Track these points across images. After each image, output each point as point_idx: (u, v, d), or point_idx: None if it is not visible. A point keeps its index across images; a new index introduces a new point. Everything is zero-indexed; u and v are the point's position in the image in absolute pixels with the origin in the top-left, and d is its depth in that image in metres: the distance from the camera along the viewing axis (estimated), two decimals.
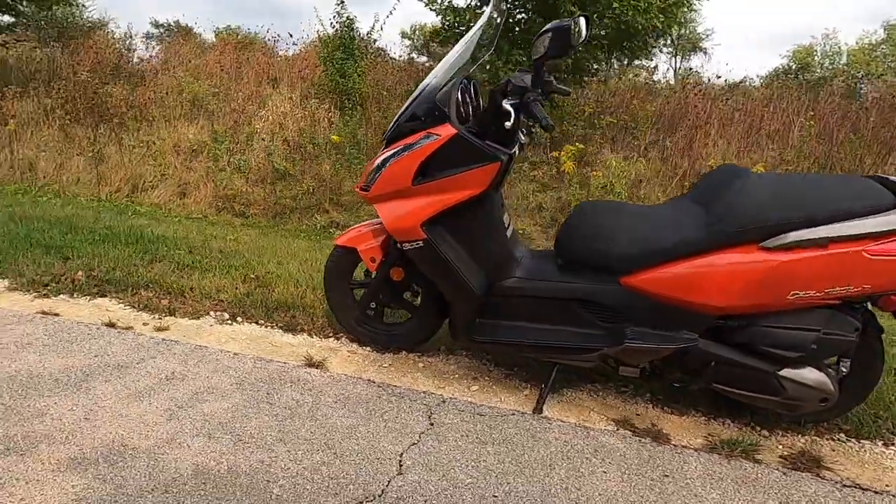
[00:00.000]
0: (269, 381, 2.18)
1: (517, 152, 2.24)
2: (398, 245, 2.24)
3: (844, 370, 2.07)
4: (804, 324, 1.97)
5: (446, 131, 2.08)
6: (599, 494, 1.69)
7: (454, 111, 2.09)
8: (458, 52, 2.24)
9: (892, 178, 2.01)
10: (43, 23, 9.71)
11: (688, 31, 22.54)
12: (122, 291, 2.92)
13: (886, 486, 1.88)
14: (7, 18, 7.95)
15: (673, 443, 2.04)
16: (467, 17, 6.83)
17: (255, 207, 5.67)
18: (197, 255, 3.61)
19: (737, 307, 1.98)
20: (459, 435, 1.93)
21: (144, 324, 2.62)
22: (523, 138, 2.33)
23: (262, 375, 2.22)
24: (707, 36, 25.71)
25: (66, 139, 6.72)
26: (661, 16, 6.64)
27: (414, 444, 1.86)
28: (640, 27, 6.56)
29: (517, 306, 2.26)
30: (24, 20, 9.36)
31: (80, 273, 3.06)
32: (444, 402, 2.16)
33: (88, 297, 2.86)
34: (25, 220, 4.04)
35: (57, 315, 2.62)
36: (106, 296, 2.89)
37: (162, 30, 18.98)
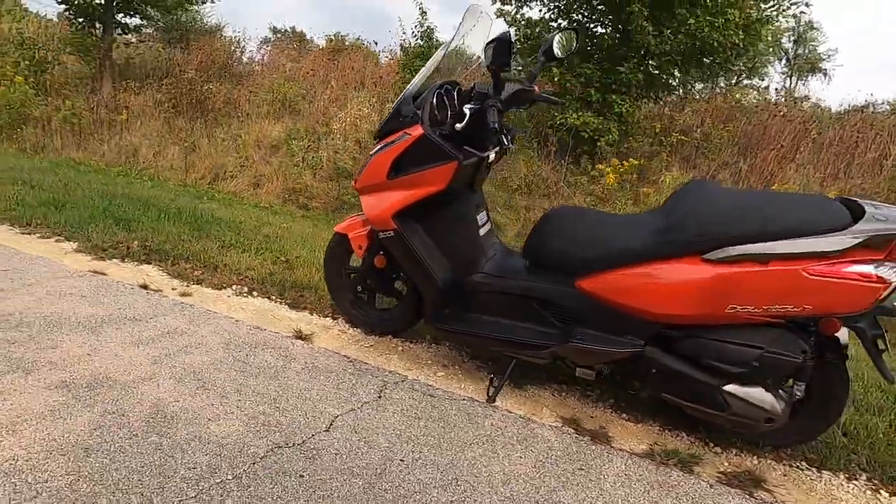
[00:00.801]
0: (254, 345, 2.46)
1: (491, 157, 2.38)
2: (377, 234, 2.45)
3: (798, 394, 2.04)
4: (748, 340, 1.97)
5: (416, 131, 2.26)
6: (503, 474, 1.80)
7: (427, 113, 2.27)
8: (436, 59, 2.42)
9: (858, 199, 1.97)
10: (168, 26, 10.89)
11: (807, 51, 21.13)
12: (165, 261, 3.34)
13: None
14: (137, 20, 9.00)
15: (613, 445, 2.10)
16: (538, 30, 6.94)
17: (317, 201, 6.10)
18: (243, 237, 4.00)
19: (677, 316, 2.02)
20: (399, 409, 2.11)
21: (173, 289, 3.00)
22: (507, 143, 2.48)
23: (251, 340, 2.51)
24: (829, 57, 23.96)
25: (168, 130, 7.52)
26: (740, 33, 6.42)
27: (353, 409, 2.06)
28: (716, 44, 6.39)
29: (482, 301, 2.40)
30: (153, 23, 10.57)
31: (135, 242, 3.53)
32: (403, 381, 2.34)
33: (136, 263, 3.30)
34: (112, 196, 4.64)
35: (104, 274, 3.06)
36: (151, 263, 3.33)
37: (279, 35, 20.48)
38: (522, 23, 6.89)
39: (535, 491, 1.74)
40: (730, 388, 2.01)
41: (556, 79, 7.02)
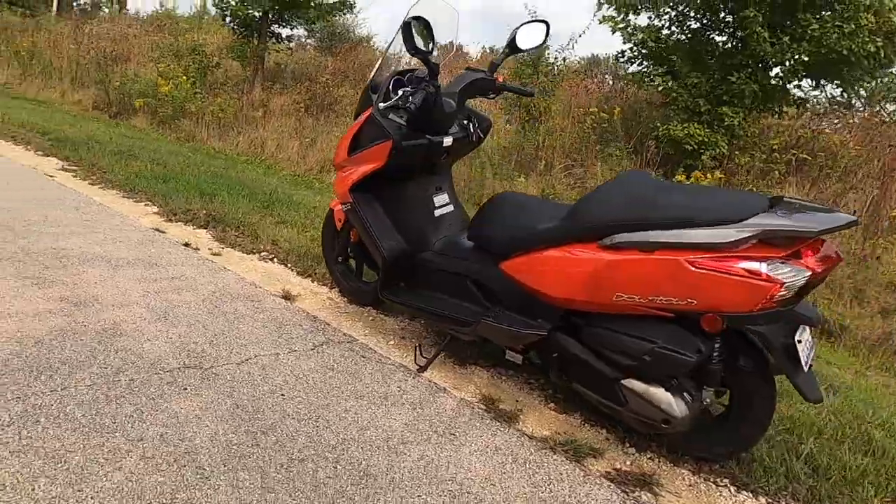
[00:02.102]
0: (237, 296, 2.82)
1: (446, 142, 2.49)
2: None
3: (708, 400, 1.93)
4: (642, 333, 1.91)
5: (368, 112, 2.47)
6: (367, 423, 1.94)
7: (380, 97, 2.45)
8: (388, 48, 2.61)
9: (794, 198, 1.84)
10: (321, 35, 12.13)
11: None
12: (217, 226, 3.88)
13: None
14: (287, 31, 10.20)
15: (513, 425, 2.12)
16: (650, 36, 6.73)
17: None
18: (301, 217, 4.46)
19: (572, 301, 2.01)
20: (321, 361, 2.32)
21: (209, 248, 3.49)
22: (470, 132, 2.59)
23: (239, 292, 2.88)
24: None
25: (296, 127, 8.42)
26: (877, 40, 5.72)
27: (277, 354, 2.31)
28: (846, 52, 5.74)
29: (428, 277, 2.53)
30: (311, 33, 11.86)
31: (203, 211, 4.12)
32: (348, 342, 2.55)
33: (194, 227, 3.87)
34: (215, 176, 5.39)
35: (163, 232, 3.65)
36: (206, 228, 3.88)
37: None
38: (629, 31, 6.72)
39: (384, 441, 1.86)
40: (628, 382, 1.95)
41: (660, 88, 6.76)
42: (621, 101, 7.56)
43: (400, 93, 2.36)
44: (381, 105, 2.36)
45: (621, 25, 6.67)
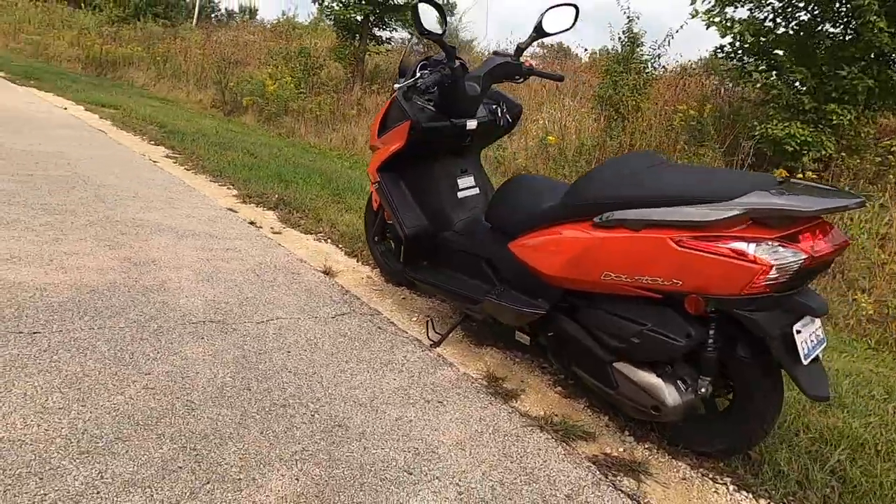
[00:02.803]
0: (280, 268, 3.05)
1: (471, 125, 2.55)
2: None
3: (703, 390, 1.86)
4: (633, 315, 1.88)
5: (393, 95, 2.58)
6: (358, 383, 2.05)
7: (408, 78, 2.56)
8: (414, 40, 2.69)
9: (802, 181, 1.74)
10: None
11: None
12: (284, 209, 4.17)
13: None
14: (387, 33, 10.65)
15: (510, 402, 2.15)
16: (748, 29, 6.35)
17: None
18: (363, 203, 4.68)
19: (564, 279, 2.00)
20: (337, 327, 2.47)
21: (270, 227, 3.78)
22: (496, 116, 2.65)
23: (283, 265, 3.10)
24: None
25: None
26: None
27: (297, 318, 2.49)
28: None
29: (448, 256, 2.61)
30: (410, 34, 12.26)
31: (276, 195, 4.45)
32: (370, 314, 2.69)
33: (264, 208, 4.20)
34: (299, 166, 5.78)
35: (235, 212, 4.00)
36: (274, 210, 4.19)
37: (545, 49, 21.50)
38: (726, 24, 6.37)
39: (369, 400, 1.96)
40: (620, 365, 1.93)
41: (758, 85, 6.35)
42: (715, 100, 7.17)
43: (418, 75, 2.46)
44: (396, 86, 2.47)
45: (716, 19, 6.34)
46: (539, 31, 2.59)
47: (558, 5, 2.56)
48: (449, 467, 1.68)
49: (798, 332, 1.68)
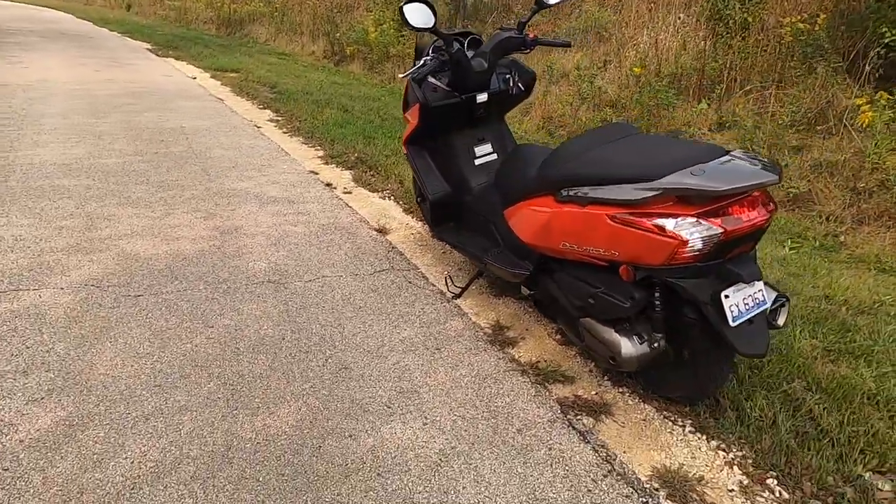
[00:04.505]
0: (340, 228, 3.59)
1: (481, 98, 2.83)
2: None
3: (657, 344, 2.12)
4: (590, 279, 2.17)
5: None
6: (373, 334, 2.55)
7: (424, 58, 2.87)
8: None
9: (743, 154, 1.91)
10: None
11: None
12: (359, 167, 4.72)
13: (626, 452, 2.05)
14: None
15: (505, 349, 2.54)
16: None
17: (563, 129, 6.68)
18: None
19: (536, 246, 2.31)
20: (371, 283, 2.97)
21: (343, 188, 4.34)
22: (505, 85, 2.90)
23: (344, 225, 3.65)
24: None
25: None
26: None
27: (340, 276, 3.03)
28: None
29: (466, 218, 2.98)
30: None
31: (355, 155, 5.00)
32: (407, 270, 3.16)
33: (343, 168, 4.77)
34: (384, 118, 6.27)
35: (316, 174, 4.61)
36: (352, 169, 4.75)
37: None
38: None
39: (377, 348, 2.45)
40: (585, 321, 2.24)
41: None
42: (833, 6, 6.46)
43: (421, 62, 2.77)
44: (400, 76, 2.81)
45: None
46: (539, 3, 2.77)
47: None
48: (424, 404, 2.14)
49: (726, 296, 1.88)
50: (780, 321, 2.12)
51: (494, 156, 3.05)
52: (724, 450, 2.06)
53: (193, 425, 1.95)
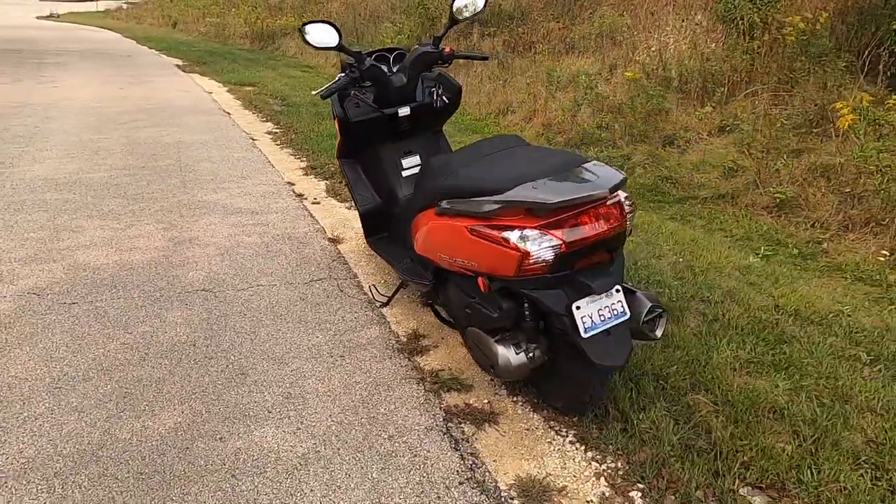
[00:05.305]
0: (293, 238, 3.73)
1: (401, 112, 2.90)
2: None
3: (533, 355, 2.13)
4: (468, 290, 2.22)
5: None
6: (283, 341, 2.65)
7: (339, 75, 2.95)
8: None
9: (595, 165, 1.93)
10: None
11: None
12: (336, 178, 4.85)
13: (495, 461, 2.09)
14: None
15: (412, 358, 2.60)
16: None
17: (562, 136, 6.66)
18: None
19: (426, 257, 2.37)
20: (300, 292, 3.08)
21: (314, 199, 4.48)
22: (430, 98, 2.97)
23: (299, 236, 3.78)
24: None
25: (499, 70, 8.99)
26: None
27: (274, 285, 3.15)
28: None
29: (394, 230, 3.06)
30: None
31: (334, 166, 5.14)
32: (344, 280, 3.26)
33: (319, 178, 4.93)
34: None
35: (292, 185, 4.77)
36: (329, 179, 4.89)
37: None
38: None
39: (283, 354, 2.55)
40: (471, 330, 2.29)
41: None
42: (843, 3, 6.22)
43: (337, 78, 2.87)
44: (314, 92, 2.91)
45: None
46: (453, 20, 2.84)
47: None
48: (306, 409, 2.22)
49: (578, 308, 1.90)
50: (658, 333, 2.11)
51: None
52: (598, 461, 2.06)
53: (76, 425, 2.09)
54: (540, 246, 1.82)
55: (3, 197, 4.23)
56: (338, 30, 2.70)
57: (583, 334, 1.89)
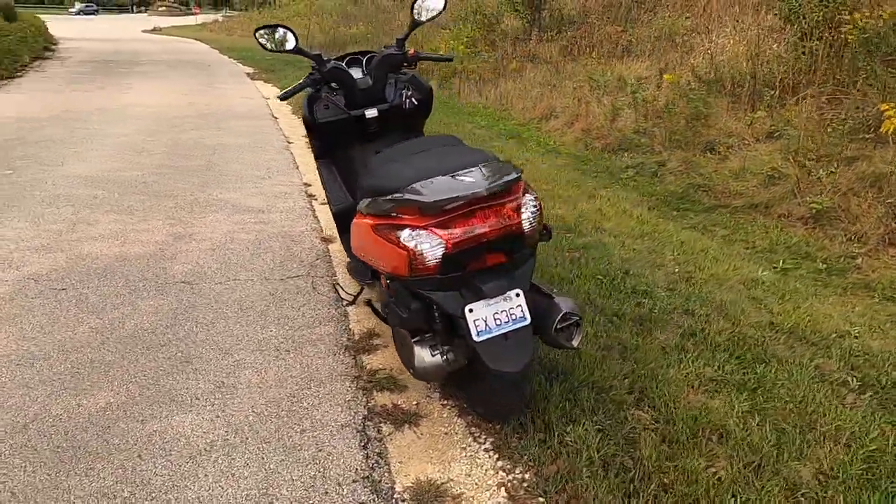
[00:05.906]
0: (286, 236, 3.85)
1: (370, 113, 2.93)
2: None
3: (447, 358, 2.10)
4: (391, 289, 2.22)
5: None
6: (237, 335, 2.74)
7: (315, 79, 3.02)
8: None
9: (493, 164, 1.91)
10: None
11: None
12: None
13: (401, 462, 2.10)
14: None
15: (358, 356, 2.63)
16: None
17: (599, 141, 6.50)
18: None
19: (361, 258, 2.38)
20: (272, 288, 3.18)
21: (322, 200, 4.60)
22: (398, 100, 2.99)
23: (293, 234, 3.90)
24: None
25: (550, 75, 8.91)
26: None
27: (251, 280, 3.26)
28: None
29: None
30: None
31: None
32: (320, 277, 3.34)
33: None
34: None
35: (308, 185, 4.92)
36: None
37: None
38: None
39: (232, 346, 2.64)
40: (396, 329, 2.29)
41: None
42: None
43: (302, 80, 2.94)
44: (276, 96, 3.00)
45: None
46: (415, 22, 2.86)
47: None
48: (233, 399, 2.30)
49: (471, 311, 1.86)
50: (575, 342, 2.04)
51: None
52: (506, 470, 2.01)
53: (20, 400, 2.26)
54: (428, 245, 1.80)
55: (42, 192, 4.62)
56: (293, 33, 2.79)
57: (475, 338, 1.85)
